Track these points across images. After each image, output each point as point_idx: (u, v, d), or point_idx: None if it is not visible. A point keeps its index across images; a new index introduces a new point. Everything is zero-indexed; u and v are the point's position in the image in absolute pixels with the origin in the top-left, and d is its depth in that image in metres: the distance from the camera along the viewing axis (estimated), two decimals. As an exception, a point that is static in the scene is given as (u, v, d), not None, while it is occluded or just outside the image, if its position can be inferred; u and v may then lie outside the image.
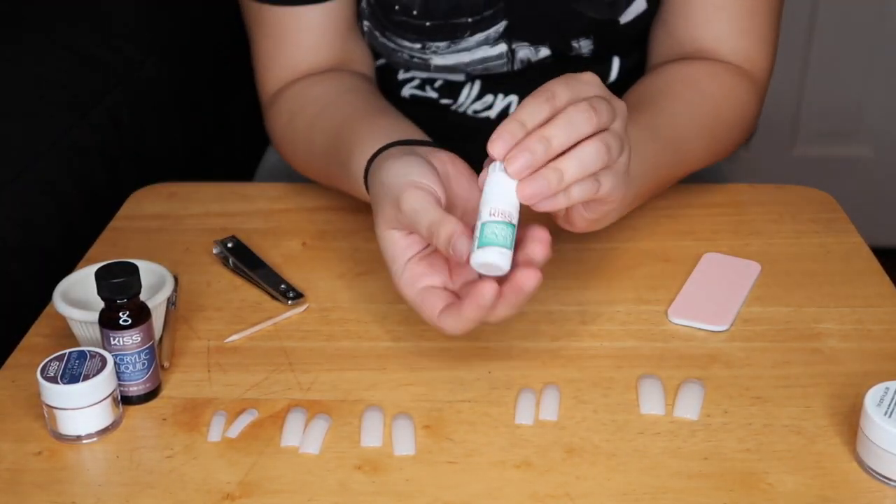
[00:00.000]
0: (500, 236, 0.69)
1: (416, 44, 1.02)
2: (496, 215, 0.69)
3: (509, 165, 0.69)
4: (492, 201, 0.69)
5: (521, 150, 0.69)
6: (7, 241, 1.07)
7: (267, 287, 0.91)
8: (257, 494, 0.70)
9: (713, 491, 0.69)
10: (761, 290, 0.89)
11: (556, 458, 0.72)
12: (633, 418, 0.76)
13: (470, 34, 1.01)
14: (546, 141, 0.69)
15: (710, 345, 0.83)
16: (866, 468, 0.70)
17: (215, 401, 0.78)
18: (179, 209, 1.05)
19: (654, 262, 0.94)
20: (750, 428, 0.74)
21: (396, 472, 0.71)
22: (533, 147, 0.69)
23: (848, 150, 2.22)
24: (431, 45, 1.02)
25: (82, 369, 0.74)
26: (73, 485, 0.71)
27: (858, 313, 0.86)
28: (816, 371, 0.80)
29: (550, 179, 0.69)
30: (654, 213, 1.00)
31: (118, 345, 0.76)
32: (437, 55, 1.03)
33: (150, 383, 0.78)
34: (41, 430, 0.76)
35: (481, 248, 0.69)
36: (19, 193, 1.09)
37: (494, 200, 0.69)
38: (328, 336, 0.85)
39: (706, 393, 0.78)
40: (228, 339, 0.85)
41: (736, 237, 0.97)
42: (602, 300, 0.88)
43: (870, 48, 2.11)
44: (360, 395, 0.78)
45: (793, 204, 1.03)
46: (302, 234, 0.99)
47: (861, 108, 2.17)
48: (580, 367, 0.81)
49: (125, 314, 0.76)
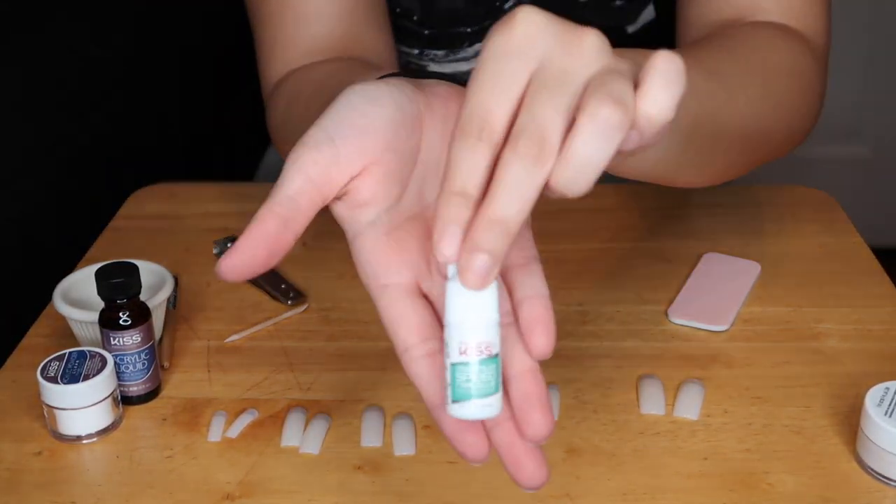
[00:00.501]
0: (478, 382, 0.49)
1: (415, 49, 1.01)
2: (470, 352, 0.49)
3: (465, 281, 0.47)
4: (460, 329, 0.49)
5: (471, 253, 0.47)
6: (7, 241, 1.07)
7: (267, 287, 0.91)
8: (257, 494, 0.70)
9: (713, 491, 0.69)
10: (761, 290, 0.89)
11: (556, 458, 0.72)
12: (633, 418, 0.76)
13: (469, 45, 1.01)
14: (499, 224, 0.47)
15: (710, 345, 0.83)
16: (866, 468, 0.70)
17: (215, 401, 0.78)
18: (179, 209, 1.05)
19: (654, 262, 0.94)
20: (750, 428, 0.74)
21: (397, 472, 0.71)
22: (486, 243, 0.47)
23: (848, 150, 2.22)
24: (430, 52, 1.01)
25: (82, 369, 0.74)
26: (73, 485, 0.71)
27: (858, 313, 0.86)
28: (816, 371, 0.80)
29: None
30: (654, 213, 1.00)
31: (118, 345, 0.76)
32: (435, 63, 1.02)
33: (150, 383, 0.78)
34: (41, 430, 0.76)
35: (457, 402, 0.50)
36: (19, 193, 1.10)
37: (463, 328, 0.49)
38: (328, 336, 0.85)
39: (706, 393, 0.78)
40: (228, 339, 0.85)
41: (736, 237, 0.97)
42: (602, 300, 0.89)
43: (869, 48, 2.11)
44: (360, 395, 0.78)
45: (793, 204, 1.03)
46: (302, 234, 0.99)
47: (860, 108, 2.17)
48: (580, 367, 0.81)
49: (125, 314, 0.76)
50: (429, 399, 0.52)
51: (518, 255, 0.53)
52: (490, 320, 0.50)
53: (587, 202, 1.03)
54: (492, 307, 0.50)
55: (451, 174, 0.49)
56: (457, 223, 0.48)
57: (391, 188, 0.54)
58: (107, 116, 1.24)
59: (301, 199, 0.52)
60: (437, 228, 0.48)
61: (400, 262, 0.54)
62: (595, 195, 1.03)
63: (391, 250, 0.55)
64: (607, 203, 1.03)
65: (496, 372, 0.50)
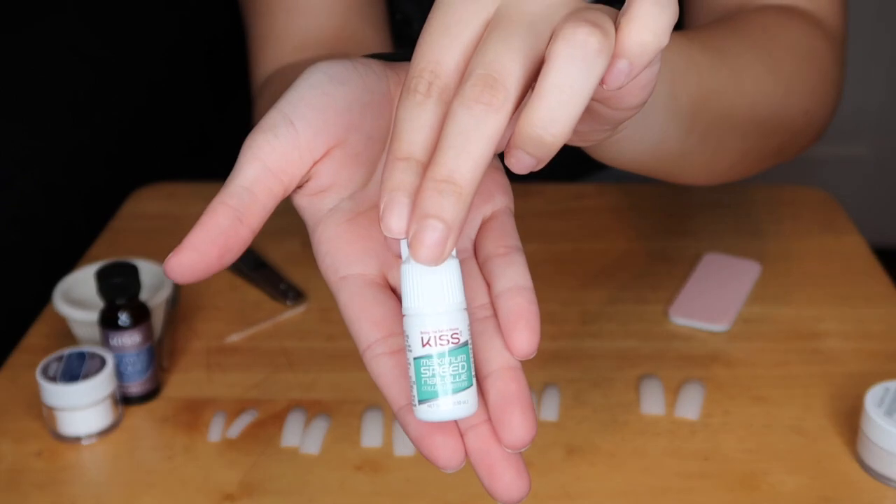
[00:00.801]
0: (447, 378, 0.42)
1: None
2: (433, 342, 0.42)
3: (417, 256, 0.40)
4: (420, 317, 0.43)
5: (420, 222, 0.40)
6: (7, 241, 1.07)
7: (267, 287, 0.91)
8: (257, 494, 0.70)
9: (713, 491, 0.69)
10: (761, 290, 0.89)
11: (556, 458, 0.72)
12: (633, 418, 0.76)
13: None
14: (448, 184, 0.41)
15: (711, 345, 0.83)
16: (867, 468, 0.70)
17: (215, 401, 0.78)
18: (179, 209, 1.05)
19: (654, 262, 0.94)
20: (750, 428, 0.74)
21: (397, 472, 0.71)
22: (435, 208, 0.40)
23: (848, 150, 2.22)
24: None
25: (82, 369, 0.74)
26: (73, 485, 0.71)
27: (858, 313, 0.86)
28: (817, 371, 0.80)
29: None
30: (655, 213, 1.00)
31: (118, 345, 0.76)
32: None
33: (150, 383, 0.78)
34: (41, 430, 0.76)
35: (425, 402, 0.43)
36: (19, 193, 1.10)
37: (423, 315, 0.43)
38: (328, 336, 0.85)
39: (706, 393, 0.78)
40: (228, 339, 0.85)
41: (736, 237, 0.97)
42: (602, 300, 0.88)
43: (869, 48, 2.11)
44: (360, 395, 0.78)
45: (793, 204, 1.03)
46: (302, 234, 0.99)
47: (860, 108, 2.17)
48: (580, 367, 0.81)
49: (125, 314, 0.76)
50: (393, 400, 0.45)
51: (497, 245, 0.47)
52: (454, 304, 0.43)
53: (587, 202, 1.04)
54: (455, 288, 0.43)
55: (395, 138, 0.42)
56: (403, 191, 0.42)
57: (356, 172, 0.48)
58: (107, 116, 1.24)
59: (257, 189, 0.45)
60: (383, 200, 0.42)
61: (363, 251, 0.49)
62: (595, 195, 1.04)
63: (354, 238, 0.49)
64: (608, 203, 1.03)
65: (467, 363, 0.43)
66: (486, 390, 0.44)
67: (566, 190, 1.06)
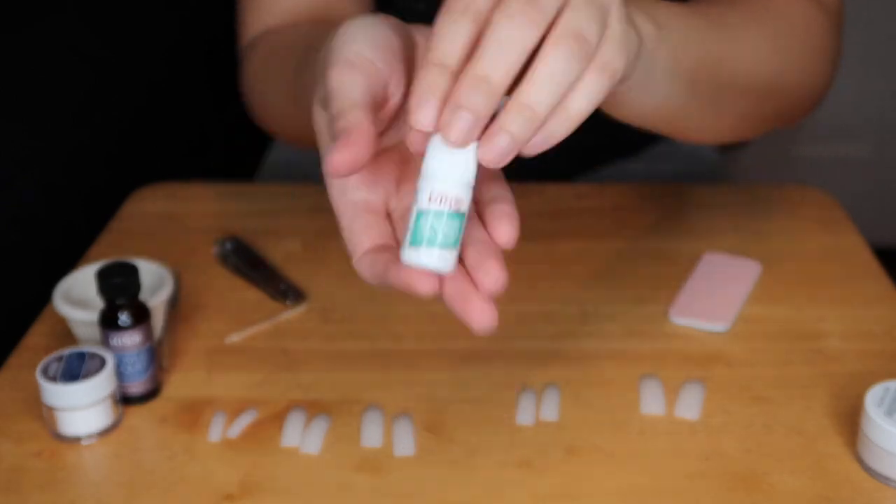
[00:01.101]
0: (439, 232, 0.50)
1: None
2: (437, 201, 0.51)
3: (447, 137, 0.49)
4: (432, 180, 0.51)
5: (454, 111, 0.48)
6: (7, 241, 1.07)
7: (267, 287, 0.91)
8: (257, 494, 0.70)
9: (713, 491, 0.69)
10: (761, 290, 0.89)
11: (556, 458, 0.72)
12: (633, 418, 0.76)
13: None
14: (484, 82, 0.48)
15: (711, 345, 0.83)
16: (867, 468, 0.70)
17: (215, 401, 0.78)
18: (179, 209, 1.05)
19: (654, 262, 0.94)
20: (750, 428, 0.74)
21: (396, 472, 0.71)
22: (469, 101, 0.48)
23: (848, 150, 2.22)
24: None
25: (82, 369, 0.74)
26: (73, 485, 0.71)
27: (858, 313, 0.86)
28: (817, 371, 0.80)
29: (516, 131, 0.49)
30: (655, 213, 1.00)
31: (118, 345, 0.76)
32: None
33: (150, 383, 0.78)
34: (41, 430, 0.76)
35: (414, 246, 0.51)
36: (19, 193, 1.10)
37: (436, 179, 0.51)
38: (328, 336, 0.85)
39: (706, 393, 0.78)
40: (228, 339, 0.85)
41: (736, 237, 0.97)
42: (602, 300, 0.88)
43: (869, 48, 2.11)
44: (360, 395, 0.78)
45: (793, 204, 1.03)
46: (302, 234, 0.99)
47: (861, 108, 2.17)
48: (580, 367, 0.81)
49: (125, 314, 0.76)
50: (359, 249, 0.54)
51: (488, 195, 0.54)
52: (464, 179, 0.51)
53: (587, 202, 1.04)
54: (468, 169, 0.51)
55: (432, 47, 0.50)
56: (435, 92, 0.49)
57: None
58: (107, 116, 1.24)
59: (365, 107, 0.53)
60: (415, 97, 0.49)
61: (373, 182, 0.55)
62: (595, 195, 1.04)
63: (366, 170, 0.55)
64: (608, 203, 1.03)
65: (459, 228, 0.51)
66: (466, 254, 0.51)
67: (566, 190, 1.06)
